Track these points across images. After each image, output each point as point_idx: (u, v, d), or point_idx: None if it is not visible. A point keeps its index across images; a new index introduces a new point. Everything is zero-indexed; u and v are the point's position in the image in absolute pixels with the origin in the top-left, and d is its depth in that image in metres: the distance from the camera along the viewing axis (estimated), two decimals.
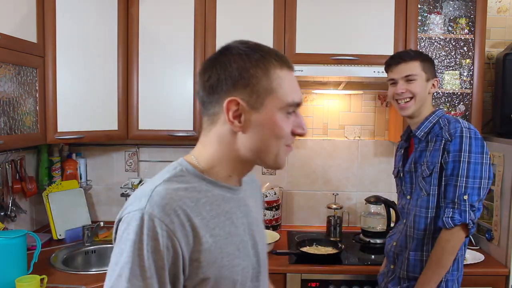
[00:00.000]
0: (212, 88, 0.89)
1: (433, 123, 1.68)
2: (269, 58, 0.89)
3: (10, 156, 2.17)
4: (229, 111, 0.87)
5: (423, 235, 1.66)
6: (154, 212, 0.80)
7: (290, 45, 2.32)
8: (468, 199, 1.55)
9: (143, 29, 2.34)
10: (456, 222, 1.55)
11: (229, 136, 0.90)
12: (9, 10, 1.83)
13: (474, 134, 1.58)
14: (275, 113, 0.88)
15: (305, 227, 2.70)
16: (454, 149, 1.58)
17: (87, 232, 2.29)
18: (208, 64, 0.92)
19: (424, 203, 1.66)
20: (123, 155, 2.71)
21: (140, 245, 0.78)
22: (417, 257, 1.67)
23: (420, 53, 1.72)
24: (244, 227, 0.96)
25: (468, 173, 1.56)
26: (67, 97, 2.16)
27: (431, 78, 1.70)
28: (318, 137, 2.71)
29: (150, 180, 0.89)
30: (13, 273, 1.73)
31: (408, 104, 1.68)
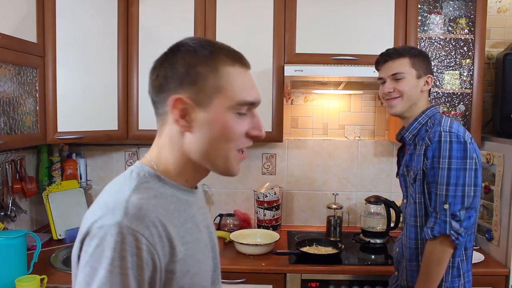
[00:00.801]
0: (160, 87, 0.84)
1: (422, 124, 1.60)
2: (218, 55, 0.83)
3: (10, 156, 2.17)
4: (175, 110, 0.82)
5: (415, 244, 1.60)
6: (133, 225, 0.73)
7: (290, 45, 2.32)
8: (449, 208, 1.46)
9: (143, 29, 2.34)
10: (435, 233, 1.47)
11: (178, 137, 0.84)
12: (9, 10, 1.83)
13: (456, 137, 1.47)
14: (224, 112, 0.82)
15: (305, 227, 2.70)
16: (433, 155, 1.48)
17: None
18: (157, 62, 0.87)
19: (412, 212, 1.59)
20: (123, 155, 2.71)
21: (121, 263, 0.71)
22: (413, 268, 1.61)
23: (411, 49, 1.63)
24: (206, 230, 0.92)
25: (449, 180, 1.46)
26: (67, 97, 2.16)
27: (424, 75, 1.60)
28: (318, 137, 2.71)
29: (113, 188, 0.83)
30: (13, 273, 1.73)
31: (394, 102, 1.60)
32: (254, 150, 2.69)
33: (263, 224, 2.55)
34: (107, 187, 0.85)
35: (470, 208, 1.48)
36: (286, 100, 2.67)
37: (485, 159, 2.29)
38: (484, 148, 2.37)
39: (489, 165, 2.26)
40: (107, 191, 0.83)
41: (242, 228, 2.53)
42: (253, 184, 2.70)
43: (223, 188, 2.73)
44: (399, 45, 2.15)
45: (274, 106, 2.34)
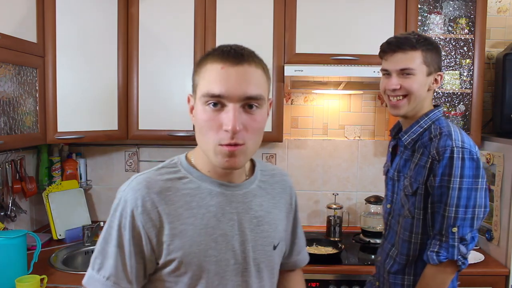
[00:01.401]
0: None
1: (424, 128, 1.43)
2: (209, 56, 0.92)
3: (10, 156, 2.17)
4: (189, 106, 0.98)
5: (406, 260, 1.46)
6: (127, 196, 0.93)
7: (290, 45, 2.32)
8: (457, 231, 1.32)
9: (143, 28, 2.34)
10: (442, 258, 1.34)
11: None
12: (9, 10, 1.83)
13: (469, 154, 1.32)
14: (198, 105, 0.92)
15: (305, 227, 2.70)
16: (443, 172, 1.33)
17: (87, 232, 2.29)
18: None
19: (408, 226, 1.44)
20: (123, 155, 2.71)
21: (112, 219, 0.94)
22: (397, 281, 1.49)
23: (425, 39, 1.41)
24: (233, 223, 0.97)
25: (459, 202, 1.31)
26: (67, 97, 2.16)
27: (434, 72, 1.42)
28: (318, 137, 2.71)
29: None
30: (13, 273, 1.73)
31: (400, 103, 1.42)
32: None
33: None
34: None
35: (474, 231, 1.36)
36: (286, 100, 2.67)
37: (485, 159, 2.29)
38: (484, 148, 2.37)
39: (489, 165, 2.26)
40: None
41: None
42: None
43: None
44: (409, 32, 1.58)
45: (274, 106, 2.34)
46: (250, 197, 1.02)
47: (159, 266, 0.95)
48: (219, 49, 0.92)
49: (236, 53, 0.90)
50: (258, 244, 1.01)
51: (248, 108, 0.90)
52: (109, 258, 0.93)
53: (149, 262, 0.95)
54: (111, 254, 0.93)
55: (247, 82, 0.89)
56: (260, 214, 1.02)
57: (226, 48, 0.91)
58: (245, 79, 0.89)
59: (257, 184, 1.05)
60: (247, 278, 0.99)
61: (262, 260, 1.02)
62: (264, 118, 0.95)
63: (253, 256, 1.00)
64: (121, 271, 0.93)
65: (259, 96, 0.90)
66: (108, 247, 0.94)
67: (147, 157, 2.71)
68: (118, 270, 0.93)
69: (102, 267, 0.94)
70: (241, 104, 0.89)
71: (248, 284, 1.00)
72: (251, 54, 0.93)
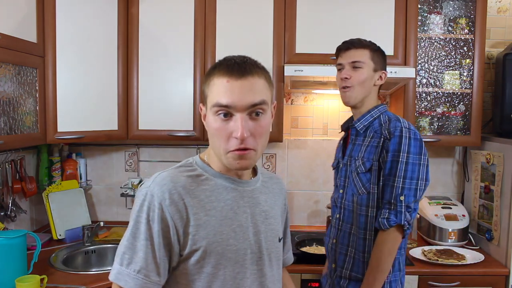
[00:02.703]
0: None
1: (374, 117, 1.65)
2: (215, 70, 1.01)
3: (10, 156, 2.17)
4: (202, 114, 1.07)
5: (365, 234, 1.62)
6: (154, 190, 0.98)
7: (290, 45, 2.32)
8: (404, 199, 1.52)
9: (143, 29, 2.34)
10: (392, 223, 1.52)
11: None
12: (9, 10, 1.83)
13: (414, 134, 1.55)
14: (209, 114, 1.02)
15: (305, 227, 2.70)
16: (393, 149, 1.54)
17: (87, 232, 2.29)
18: None
19: (364, 201, 1.62)
20: (123, 155, 2.71)
21: (139, 214, 0.98)
22: (360, 257, 1.62)
23: (373, 44, 1.69)
24: (247, 215, 1.07)
25: (406, 174, 1.52)
26: (67, 97, 2.16)
27: (379, 70, 1.66)
28: (318, 137, 2.71)
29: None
30: (13, 273, 1.73)
31: (347, 91, 1.64)
32: None
33: None
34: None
35: (417, 201, 1.56)
36: (286, 100, 2.67)
37: (485, 159, 2.30)
38: (484, 148, 2.37)
39: (489, 165, 2.26)
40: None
41: None
42: None
43: None
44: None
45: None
46: (257, 193, 1.12)
47: (182, 258, 1.00)
48: (224, 63, 1.01)
49: (240, 66, 0.99)
50: (268, 235, 1.11)
51: (254, 115, 0.99)
52: (139, 252, 0.97)
53: (174, 254, 0.99)
54: (141, 247, 0.97)
55: (251, 92, 0.98)
56: (267, 209, 1.13)
57: (230, 62, 1.00)
58: (249, 90, 0.98)
59: (260, 183, 1.15)
60: (261, 267, 1.08)
61: (272, 251, 1.12)
62: (269, 121, 1.04)
63: (265, 246, 1.09)
64: (151, 263, 0.97)
65: (262, 101, 0.99)
66: (137, 241, 0.97)
67: (147, 157, 2.71)
68: (148, 263, 0.96)
69: (132, 262, 0.97)
70: (247, 112, 0.98)
71: (263, 272, 1.08)
72: (254, 65, 1.02)
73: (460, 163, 2.66)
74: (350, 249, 1.66)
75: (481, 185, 2.35)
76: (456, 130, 2.41)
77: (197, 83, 2.33)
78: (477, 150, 2.42)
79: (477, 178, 2.39)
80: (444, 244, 2.28)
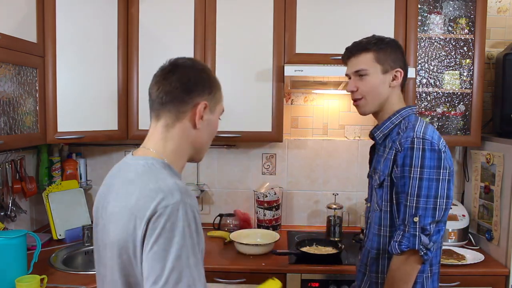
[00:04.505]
0: (189, 90, 1.07)
1: (395, 124, 1.47)
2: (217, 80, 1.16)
3: (10, 156, 2.17)
4: (199, 111, 1.07)
5: (376, 254, 1.48)
6: (189, 201, 0.95)
7: (290, 45, 2.32)
8: (419, 221, 1.33)
9: (143, 29, 2.34)
10: (403, 247, 1.34)
11: (189, 131, 1.09)
12: (9, 10, 1.83)
13: (430, 145, 1.34)
14: (218, 116, 1.16)
15: (305, 227, 2.70)
16: (403, 163, 1.36)
17: (87, 232, 2.29)
18: (186, 68, 1.12)
19: (377, 220, 1.47)
20: (123, 155, 2.71)
21: (189, 228, 0.92)
22: (372, 279, 1.50)
23: (378, 40, 1.48)
24: None
25: (420, 192, 1.33)
26: (67, 97, 2.16)
27: (391, 69, 1.46)
28: (318, 137, 2.71)
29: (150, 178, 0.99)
30: (13, 273, 1.73)
31: (358, 103, 1.50)
32: (254, 150, 2.69)
33: (263, 224, 2.55)
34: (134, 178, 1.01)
35: (440, 222, 1.36)
36: (286, 100, 2.67)
37: (485, 159, 2.29)
38: (484, 148, 2.37)
39: (489, 165, 2.26)
40: (143, 181, 0.99)
41: (242, 228, 2.53)
42: (253, 184, 2.70)
43: (223, 188, 2.73)
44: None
45: (274, 106, 2.34)
46: None
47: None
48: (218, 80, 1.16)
49: None
50: None
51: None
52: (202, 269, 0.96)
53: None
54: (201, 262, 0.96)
55: None
56: None
57: None
58: None
59: None
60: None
61: None
62: None
63: None
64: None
65: None
66: (198, 257, 0.94)
67: None
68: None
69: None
70: None
71: None
72: None
73: (460, 163, 2.66)
74: (367, 268, 1.53)
75: (481, 185, 2.35)
76: (456, 130, 2.41)
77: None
78: (477, 150, 2.42)
79: (477, 178, 2.39)
80: (444, 244, 2.28)
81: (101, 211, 1.07)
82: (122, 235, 0.95)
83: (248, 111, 2.34)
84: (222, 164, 2.71)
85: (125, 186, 1.01)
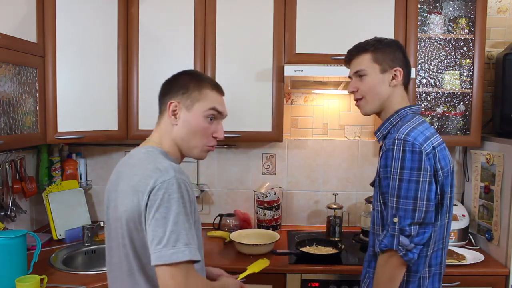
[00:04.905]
0: (164, 93, 1.32)
1: (393, 124, 1.48)
2: (204, 82, 1.30)
3: (10, 156, 2.17)
4: (170, 109, 1.27)
5: (373, 252, 1.51)
6: (181, 177, 1.14)
7: (290, 45, 2.32)
8: (398, 222, 1.34)
9: (143, 29, 2.34)
10: (382, 246, 1.37)
11: (170, 127, 1.28)
12: (9, 10, 1.83)
13: (411, 146, 1.33)
14: (199, 115, 1.27)
15: (305, 227, 2.70)
16: (386, 164, 1.38)
17: (87, 232, 2.29)
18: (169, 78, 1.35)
19: (372, 218, 1.52)
20: (123, 155, 2.71)
21: (182, 199, 1.11)
22: (369, 274, 1.54)
23: (376, 41, 1.52)
24: None
25: (399, 193, 1.34)
26: (67, 97, 2.16)
27: (390, 68, 1.48)
28: (318, 137, 2.71)
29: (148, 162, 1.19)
30: (13, 273, 1.73)
31: (359, 103, 1.54)
32: (254, 150, 2.69)
33: (263, 224, 2.55)
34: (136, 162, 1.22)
35: (424, 224, 1.35)
36: (286, 100, 2.67)
37: (485, 159, 2.30)
38: (484, 148, 2.37)
39: (489, 165, 2.26)
40: (143, 164, 1.19)
41: (242, 228, 2.53)
42: (253, 184, 2.70)
43: (223, 188, 2.73)
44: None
45: (274, 106, 2.34)
46: None
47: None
48: (208, 80, 1.32)
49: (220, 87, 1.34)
50: None
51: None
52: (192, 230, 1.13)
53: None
54: (191, 226, 1.13)
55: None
56: None
57: (212, 81, 1.33)
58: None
59: None
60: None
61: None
62: None
63: None
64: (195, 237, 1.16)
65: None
66: (191, 222, 1.13)
67: None
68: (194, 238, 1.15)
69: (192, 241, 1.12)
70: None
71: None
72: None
73: (460, 163, 2.66)
74: (366, 268, 1.58)
75: (481, 185, 2.35)
76: (456, 130, 2.42)
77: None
78: (477, 150, 2.42)
79: (477, 178, 2.40)
80: None
81: (113, 194, 1.26)
82: (128, 207, 1.14)
83: (248, 111, 2.34)
84: (222, 164, 2.71)
85: (129, 169, 1.22)
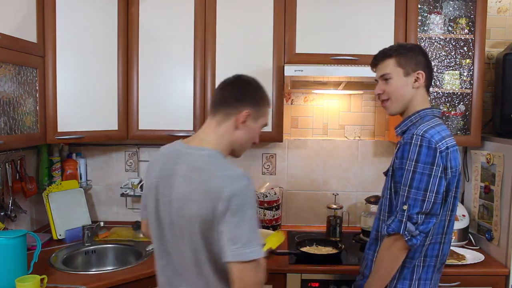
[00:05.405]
0: (239, 98, 1.37)
1: (413, 122, 1.60)
2: (268, 100, 1.45)
3: (10, 156, 2.16)
4: (243, 117, 1.36)
5: (376, 235, 1.66)
6: (252, 185, 1.26)
7: (290, 45, 2.32)
8: (407, 209, 1.47)
9: (143, 29, 2.34)
10: (390, 230, 1.49)
11: (232, 131, 1.37)
12: (9, 10, 1.83)
13: (427, 143, 1.46)
14: (259, 126, 1.43)
15: (305, 227, 2.70)
16: (402, 156, 1.51)
17: (87, 232, 2.29)
18: (245, 82, 1.41)
19: (380, 205, 1.67)
20: (123, 155, 2.71)
21: (254, 204, 1.25)
22: (367, 255, 1.68)
23: (400, 46, 1.64)
24: None
25: (412, 183, 1.47)
26: (67, 97, 2.16)
27: (412, 72, 1.59)
28: (318, 137, 2.71)
29: (220, 168, 1.28)
30: (13, 273, 1.73)
31: (385, 104, 1.65)
32: (254, 150, 2.69)
33: (263, 224, 2.55)
34: (202, 166, 1.29)
35: (430, 214, 1.48)
36: (286, 100, 2.67)
37: (485, 159, 2.30)
38: (484, 148, 2.37)
39: (489, 165, 2.26)
40: (212, 169, 1.27)
41: None
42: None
43: None
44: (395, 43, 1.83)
45: (274, 106, 2.34)
46: None
47: None
48: (268, 99, 1.46)
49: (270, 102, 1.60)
50: None
51: None
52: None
53: None
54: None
55: None
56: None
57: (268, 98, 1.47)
58: None
59: None
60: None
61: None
62: None
63: None
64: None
65: None
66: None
67: (147, 157, 2.71)
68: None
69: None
70: None
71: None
72: None
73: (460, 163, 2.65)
74: (366, 249, 1.71)
75: (481, 185, 2.35)
76: (456, 130, 2.41)
77: (197, 83, 2.33)
78: (477, 150, 2.42)
79: (477, 178, 2.40)
80: None
81: (167, 190, 1.32)
82: (202, 212, 1.23)
83: None
84: None
85: (194, 172, 1.28)
